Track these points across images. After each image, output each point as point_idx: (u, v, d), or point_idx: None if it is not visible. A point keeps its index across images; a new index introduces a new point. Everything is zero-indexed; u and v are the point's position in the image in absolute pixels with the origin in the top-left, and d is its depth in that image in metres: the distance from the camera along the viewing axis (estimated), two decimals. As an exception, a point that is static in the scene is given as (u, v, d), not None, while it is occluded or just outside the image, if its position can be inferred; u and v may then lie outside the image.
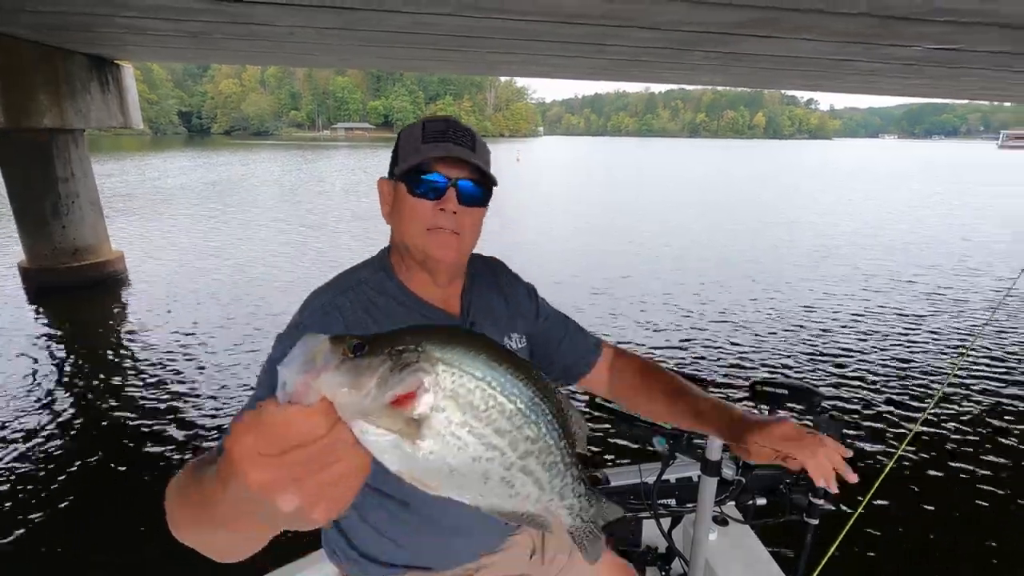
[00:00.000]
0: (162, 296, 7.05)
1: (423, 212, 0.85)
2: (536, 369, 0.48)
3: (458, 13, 4.22)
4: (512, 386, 0.45)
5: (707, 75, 8.26)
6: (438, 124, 0.87)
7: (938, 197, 20.14)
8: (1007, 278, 8.45)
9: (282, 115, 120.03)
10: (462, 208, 0.86)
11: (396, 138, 0.92)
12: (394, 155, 0.91)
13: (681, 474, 1.44)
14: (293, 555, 1.51)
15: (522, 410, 0.45)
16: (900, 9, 3.66)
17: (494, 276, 1.06)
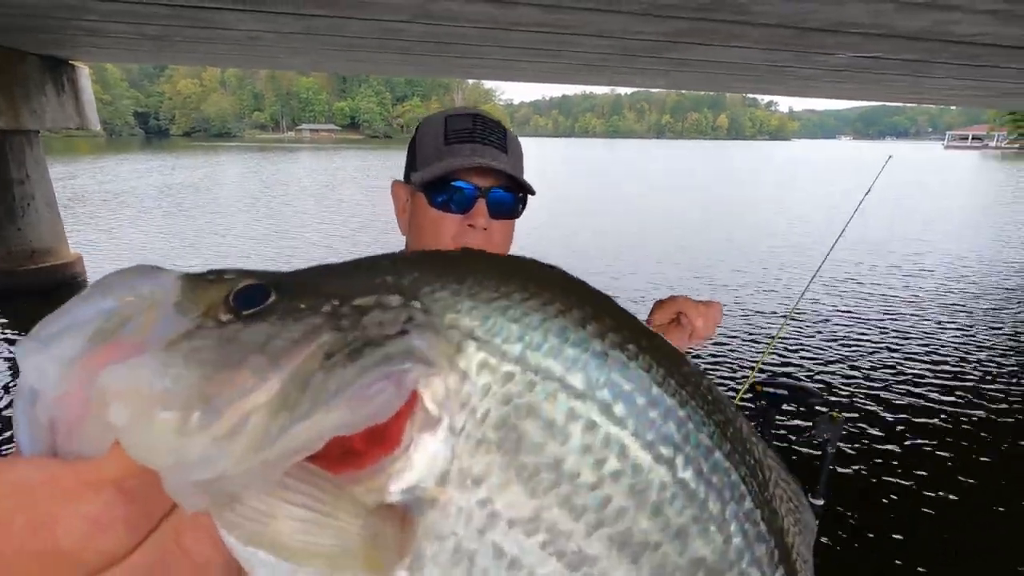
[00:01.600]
0: None
1: (448, 228, 0.73)
2: (694, 366, 0.24)
3: (414, 20, 4.46)
4: (661, 418, 0.21)
5: (659, 79, 8.69)
6: (463, 121, 0.75)
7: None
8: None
9: (245, 116, 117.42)
10: (493, 222, 0.73)
11: (412, 134, 0.81)
12: (410, 155, 0.78)
13: None
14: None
15: (688, 488, 0.21)
16: (810, 21, 4.07)
17: None
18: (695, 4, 3.70)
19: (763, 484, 0.23)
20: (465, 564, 0.18)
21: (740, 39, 4.87)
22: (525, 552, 0.18)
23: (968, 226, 13.94)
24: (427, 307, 0.19)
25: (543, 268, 0.23)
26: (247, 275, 0.20)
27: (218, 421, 0.16)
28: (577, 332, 0.20)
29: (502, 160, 0.74)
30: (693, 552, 0.20)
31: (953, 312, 6.94)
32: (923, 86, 8.05)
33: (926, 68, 6.26)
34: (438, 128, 0.76)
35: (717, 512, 0.21)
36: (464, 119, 0.76)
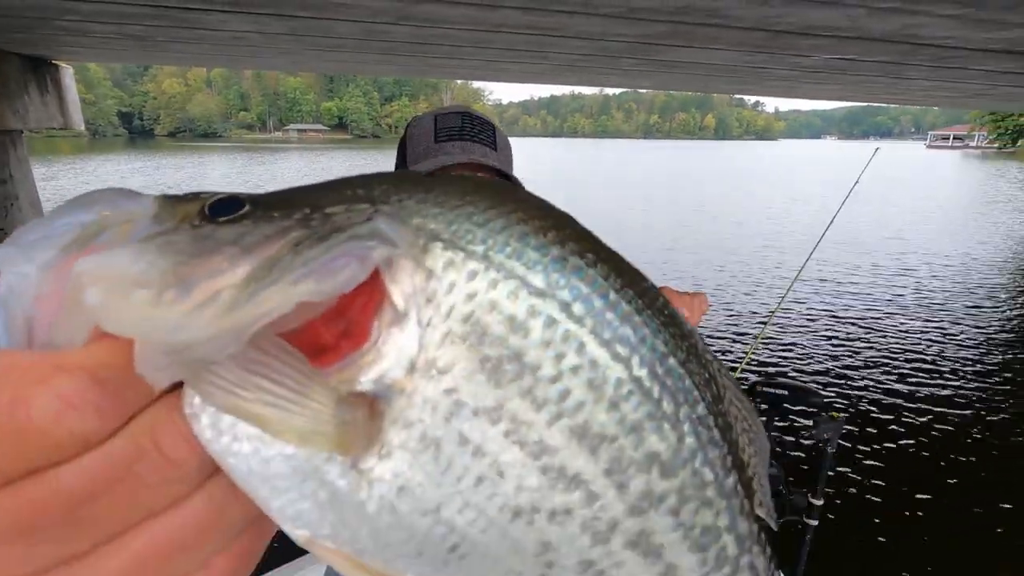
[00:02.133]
0: None
1: None
2: (660, 293, 0.25)
3: (398, 23, 4.53)
4: (618, 320, 0.22)
5: (642, 79, 8.82)
6: (452, 119, 0.77)
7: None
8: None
9: (231, 116, 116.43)
10: None
11: (402, 134, 0.81)
12: (400, 153, 0.80)
13: None
14: (291, 555, 1.54)
15: (644, 386, 0.22)
16: (783, 24, 4.19)
17: None
18: (669, 7, 3.80)
19: (717, 398, 0.25)
20: (432, 451, 0.19)
21: (716, 41, 4.99)
22: (488, 440, 0.19)
23: (949, 224, 14.25)
24: (395, 211, 0.20)
25: (513, 189, 0.24)
26: (222, 195, 0.20)
27: (190, 295, 0.16)
28: (538, 238, 0.21)
29: (492, 157, 0.75)
30: (648, 447, 0.21)
31: (935, 309, 7.14)
32: (899, 87, 8.25)
33: (899, 70, 6.43)
34: (428, 127, 0.77)
35: (671, 412, 0.22)
36: (454, 117, 0.77)
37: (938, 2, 3.49)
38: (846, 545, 2.75)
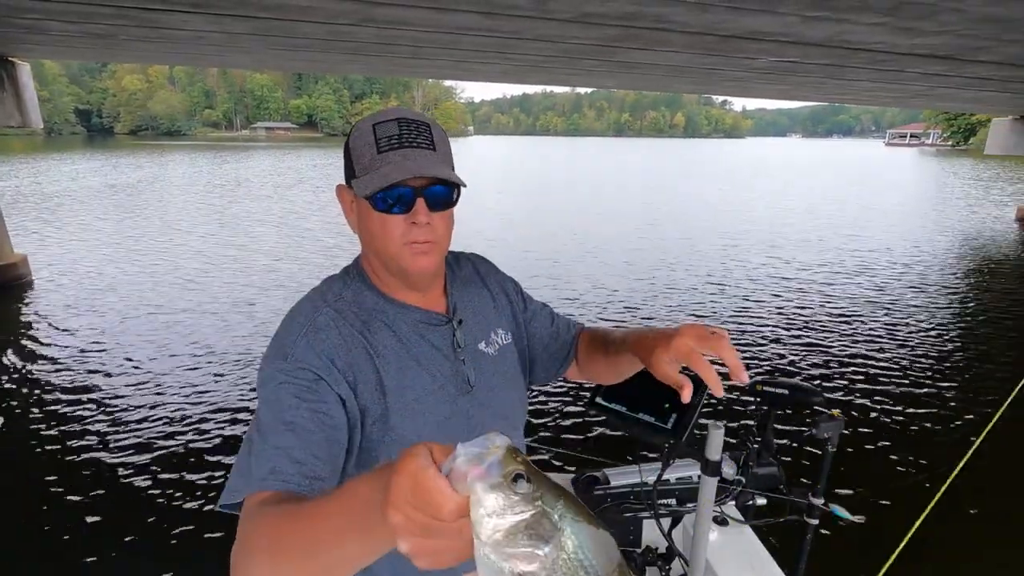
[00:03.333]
0: (70, 300, 6.99)
1: (394, 228, 0.80)
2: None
3: (361, 24, 4.66)
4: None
5: (606, 79, 9.08)
6: (389, 127, 0.79)
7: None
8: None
9: (195, 114, 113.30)
10: (433, 215, 0.81)
11: (346, 141, 0.86)
12: (348, 162, 0.84)
13: (681, 474, 1.44)
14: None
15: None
16: (727, 30, 4.47)
17: (476, 273, 1.03)
18: (619, 13, 4.03)
19: None
20: None
21: (669, 44, 5.25)
22: None
23: (905, 219, 14.91)
24: (562, 534, 0.40)
25: (599, 524, 0.44)
26: (524, 463, 0.41)
27: (489, 526, 0.38)
28: (604, 552, 0.41)
29: (432, 159, 0.80)
30: None
31: (896, 303, 7.55)
32: (844, 87, 8.70)
33: (840, 71, 6.82)
34: (368, 137, 0.80)
35: None
36: (390, 125, 0.80)
37: (862, 11, 3.80)
38: (846, 545, 2.76)
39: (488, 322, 0.98)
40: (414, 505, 0.41)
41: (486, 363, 0.94)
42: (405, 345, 0.86)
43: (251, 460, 0.71)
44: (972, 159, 43.00)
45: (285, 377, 0.76)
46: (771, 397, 1.27)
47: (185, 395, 4.53)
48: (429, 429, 0.84)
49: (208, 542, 2.85)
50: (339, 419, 0.76)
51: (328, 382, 0.77)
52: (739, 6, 3.68)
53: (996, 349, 5.88)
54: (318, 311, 0.83)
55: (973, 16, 3.82)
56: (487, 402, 0.93)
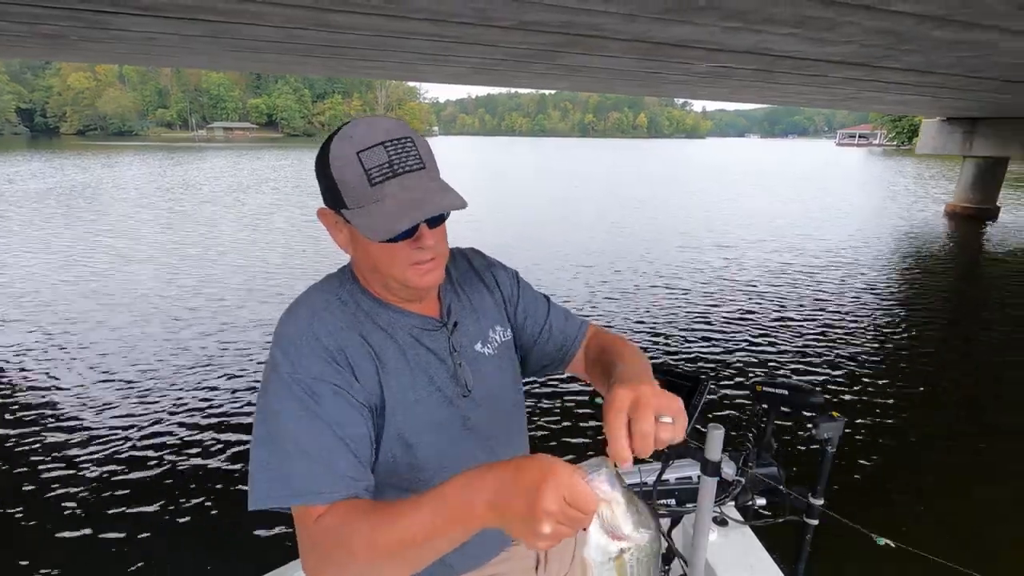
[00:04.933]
0: (5, 304, 6.89)
1: (401, 254, 0.80)
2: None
3: (313, 28, 4.84)
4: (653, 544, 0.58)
5: (554, 81, 9.43)
6: (377, 155, 0.74)
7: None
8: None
9: (148, 113, 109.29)
10: (434, 232, 0.81)
11: (322, 161, 0.79)
12: (331, 188, 0.78)
13: (681, 474, 1.45)
14: (296, 554, 1.72)
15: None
16: (657, 37, 4.84)
17: (472, 269, 1.02)
18: (556, 22, 4.34)
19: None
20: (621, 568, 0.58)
21: (607, 50, 5.60)
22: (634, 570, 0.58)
23: (855, 217, 15.75)
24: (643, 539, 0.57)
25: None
26: (635, 495, 0.58)
27: (606, 534, 0.57)
28: (655, 547, 0.59)
29: (428, 183, 0.77)
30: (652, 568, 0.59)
31: (831, 296, 8.10)
32: (781, 91, 9.28)
33: (771, 76, 7.33)
34: (356, 168, 0.74)
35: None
36: (377, 152, 0.74)
37: (772, 24, 4.20)
38: (846, 544, 2.79)
39: (486, 320, 0.98)
40: (569, 503, 0.55)
41: (484, 364, 0.94)
42: (401, 348, 0.86)
43: (311, 468, 0.73)
44: (915, 158, 45.30)
45: (319, 390, 0.77)
46: (770, 398, 1.28)
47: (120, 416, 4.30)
48: (427, 429, 0.86)
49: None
50: (371, 427, 0.82)
51: (351, 392, 0.79)
52: (662, 17, 4.03)
53: (923, 334, 6.47)
54: (312, 320, 0.81)
55: (868, 29, 4.27)
56: (486, 404, 0.93)
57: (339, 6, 4.00)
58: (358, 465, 0.76)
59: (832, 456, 1.29)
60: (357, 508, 0.71)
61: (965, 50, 4.97)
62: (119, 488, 3.38)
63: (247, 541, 2.87)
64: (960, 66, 5.99)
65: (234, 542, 2.88)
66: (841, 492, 3.09)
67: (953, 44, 4.73)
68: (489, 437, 0.93)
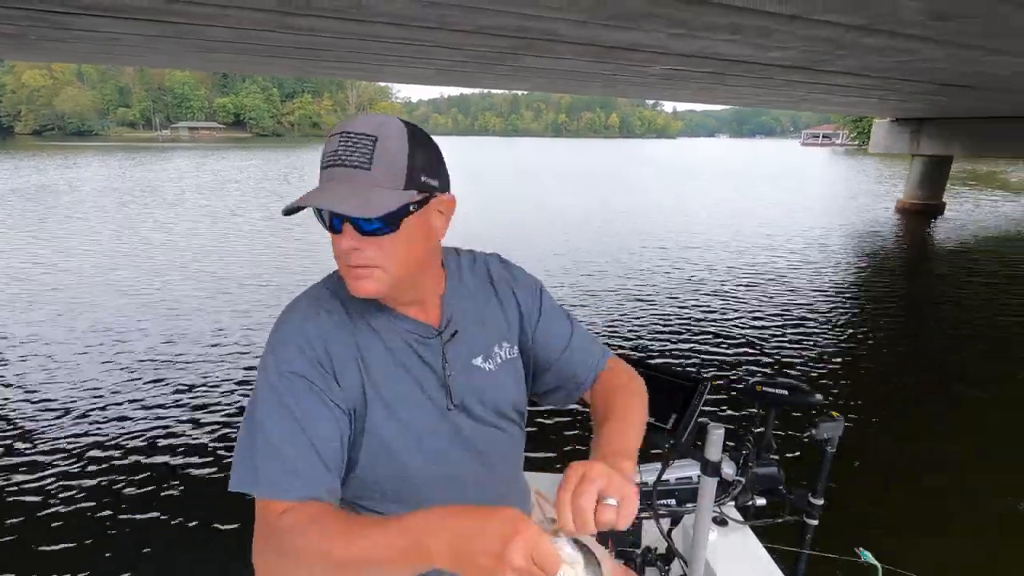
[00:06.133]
0: None
1: (336, 248, 0.78)
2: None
3: (276, 30, 4.94)
4: None
5: (518, 82, 9.66)
6: (332, 144, 0.76)
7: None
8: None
9: (108, 113, 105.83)
10: (365, 239, 0.76)
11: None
12: None
13: (681, 474, 1.44)
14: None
15: None
16: (609, 42, 5.09)
17: (489, 278, 0.98)
18: (511, 27, 4.55)
19: None
20: None
21: (564, 53, 5.84)
22: None
23: (817, 214, 16.34)
24: None
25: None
26: (595, 559, 0.63)
27: None
28: None
29: (354, 182, 0.73)
30: None
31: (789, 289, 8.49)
32: (735, 93, 9.67)
33: (724, 79, 7.67)
34: (324, 149, 0.77)
35: None
36: (335, 139, 0.75)
37: (712, 30, 4.48)
38: (846, 545, 2.90)
39: (492, 334, 0.95)
40: (535, 561, 0.56)
41: (480, 378, 0.92)
42: (392, 353, 0.85)
43: (281, 461, 0.74)
44: (875, 157, 46.94)
45: (295, 385, 0.78)
46: (770, 398, 1.29)
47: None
48: (413, 437, 0.85)
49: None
50: (345, 429, 0.81)
51: (328, 393, 0.79)
52: (609, 23, 4.27)
53: (875, 322, 6.88)
54: (304, 323, 0.82)
55: (802, 36, 4.59)
56: (480, 418, 0.91)
57: (300, 10, 4.13)
58: (321, 467, 0.75)
59: (832, 456, 1.30)
60: (319, 514, 0.71)
61: (894, 56, 5.35)
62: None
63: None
64: (895, 70, 6.41)
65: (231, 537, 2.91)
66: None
67: (883, 50, 5.10)
68: (482, 452, 0.92)
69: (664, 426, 1.23)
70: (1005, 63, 5.41)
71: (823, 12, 3.79)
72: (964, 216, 15.68)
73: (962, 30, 4.11)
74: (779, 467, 1.40)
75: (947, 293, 8.44)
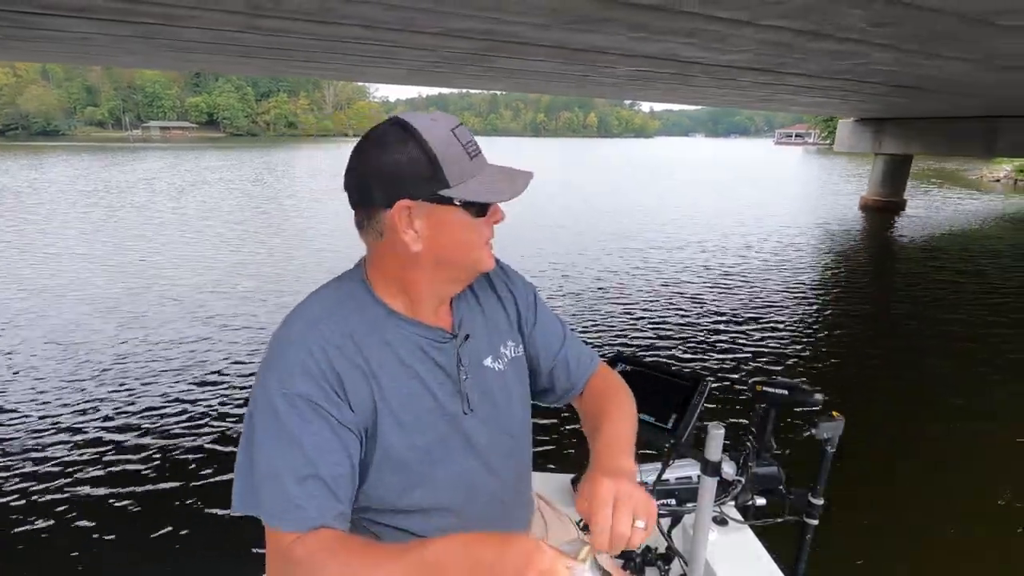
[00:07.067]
0: None
1: (486, 231, 0.84)
2: None
3: (246, 31, 5.01)
4: None
5: (490, 83, 9.82)
6: (463, 134, 0.80)
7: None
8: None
9: (76, 112, 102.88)
10: None
11: (404, 145, 0.77)
12: (428, 169, 0.76)
13: (681, 474, 1.45)
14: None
15: None
16: (574, 45, 5.26)
17: (486, 279, 1.00)
18: (479, 30, 4.69)
19: None
20: None
21: (533, 54, 6.00)
22: None
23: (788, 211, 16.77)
24: None
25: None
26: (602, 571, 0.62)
27: None
28: None
29: (514, 174, 0.84)
30: None
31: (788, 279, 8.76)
32: (702, 92, 9.96)
33: (689, 80, 7.92)
34: (456, 144, 0.78)
35: None
36: (463, 131, 0.80)
37: (670, 34, 4.69)
38: (846, 545, 2.75)
39: (498, 334, 0.96)
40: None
41: (492, 380, 0.93)
42: (404, 363, 0.84)
43: (290, 494, 0.72)
44: (845, 156, 48.12)
45: (299, 408, 0.74)
46: (770, 397, 1.29)
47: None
48: (423, 447, 0.84)
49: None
50: (355, 452, 0.79)
51: (336, 415, 0.77)
52: (571, 27, 4.44)
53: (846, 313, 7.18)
54: (313, 327, 0.79)
55: (755, 40, 4.82)
56: (491, 420, 0.92)
57: (269, 12, 4.21)
58: (329, 497, 0.73)
59: (832, 456, 1.31)
60: (332, 543, 0.70)
61: (847, 59, 5.63)
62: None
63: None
64: (849, 73, 6.72)
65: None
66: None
67: (834, 53, 5.36)
68: (490, 456, 0.92)
69: (664, 426, 1.23)
70: (944, 66, 5.73)
71: (773, 18, 4.01)
72: (923, 212, 16.31)
73: (898, 35, 4.38)
74: (779, 467, 1.40)
75: (905, 287, 8.83)
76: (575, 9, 3.83)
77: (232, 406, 4.47)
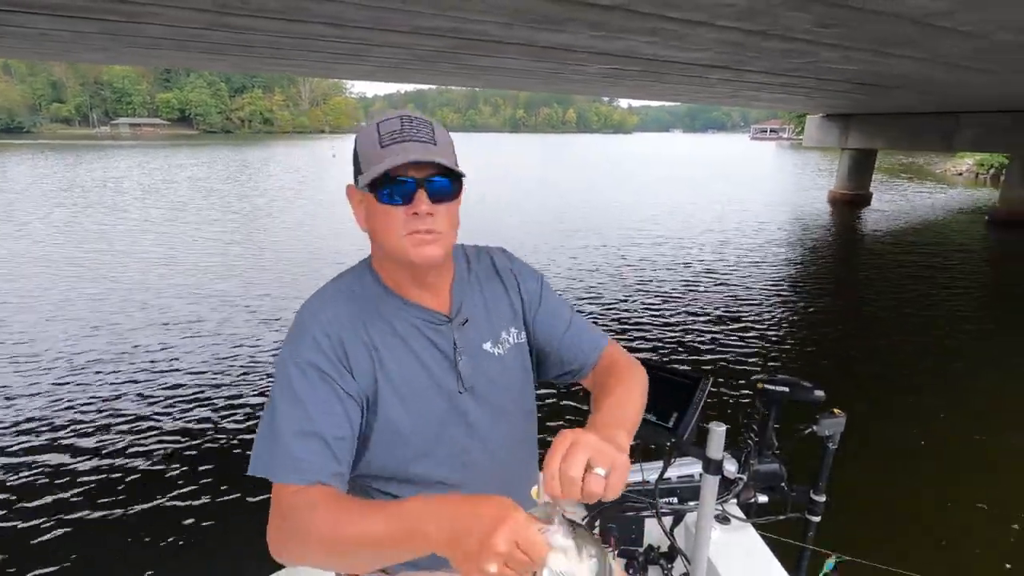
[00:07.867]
0: None
1: (397, 219, 0.83)
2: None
3: (213, 28, 5.01)
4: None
5: (462, 80, 9.91)
6: (392, 123, 0.83)
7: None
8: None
9: (40, 108, 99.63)
10: (434, 206, 0.84)
11: (353, 144, 0.88)
12: (355, 163, 0.87)
13: (683, 472, 1.45)
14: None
15: None
16: (542, 42, 5.38)
17: (493, 268, 1.03)
18: (445, 28, 4.78)
19: None
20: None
21: (503, 52, 6.10)
22: None
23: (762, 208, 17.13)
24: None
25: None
26: (591, 541, 0.62)
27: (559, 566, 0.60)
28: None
29: (432, 152, 0.82)
30: None
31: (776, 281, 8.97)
32: (674, 89, 10.16)
33: (660, 76, 8.10)
34: (373, 135, 0.83)
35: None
36: (393, 122, 0.84)
37: (630, 32, 4.83)
38: (847, 543, 2.75)
39: (499, 320, 0.99)
40: (520, 547, 0.57)
41: (490, 363, 0.96)
42: (403, 340, 0.89)
43: (292, 448, 0.79)
44: (818, 151, 49.13)
45: (308, 375, 0.82)
46: (772, 395, 1.29)
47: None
48: (422, 422, 0.89)
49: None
50: (356, 418, 0.85)
51: (340, 383, 0.83)
52: (535, 26, 4.56)
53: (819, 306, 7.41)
54: (324, 308, 0.87)
55: (712, 39, 5.00)
56: (489, 402, 0.95)
57: (237, 10, 4.24)
58: (329, 456, 0.79)
59: (833, 452, 1.31)
60: (326, 497, 0.75)
61: (796, 57, 5.85)
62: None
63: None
64: (802, 71, 6.96)
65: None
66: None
67: (785, 52, 5.57)
68: (489, 437, 0.95)
69: (665, 424, 1.22)
70: (896, 64, 5.99)
71: (725, 19, 4.18)
72: (886, 205, 16.84)
73: (846, 35, 4.59)
74: (781, 464, 1.40)
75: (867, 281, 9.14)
76: (536, 9, 3.95)
77: (214, 408, 4.51)
